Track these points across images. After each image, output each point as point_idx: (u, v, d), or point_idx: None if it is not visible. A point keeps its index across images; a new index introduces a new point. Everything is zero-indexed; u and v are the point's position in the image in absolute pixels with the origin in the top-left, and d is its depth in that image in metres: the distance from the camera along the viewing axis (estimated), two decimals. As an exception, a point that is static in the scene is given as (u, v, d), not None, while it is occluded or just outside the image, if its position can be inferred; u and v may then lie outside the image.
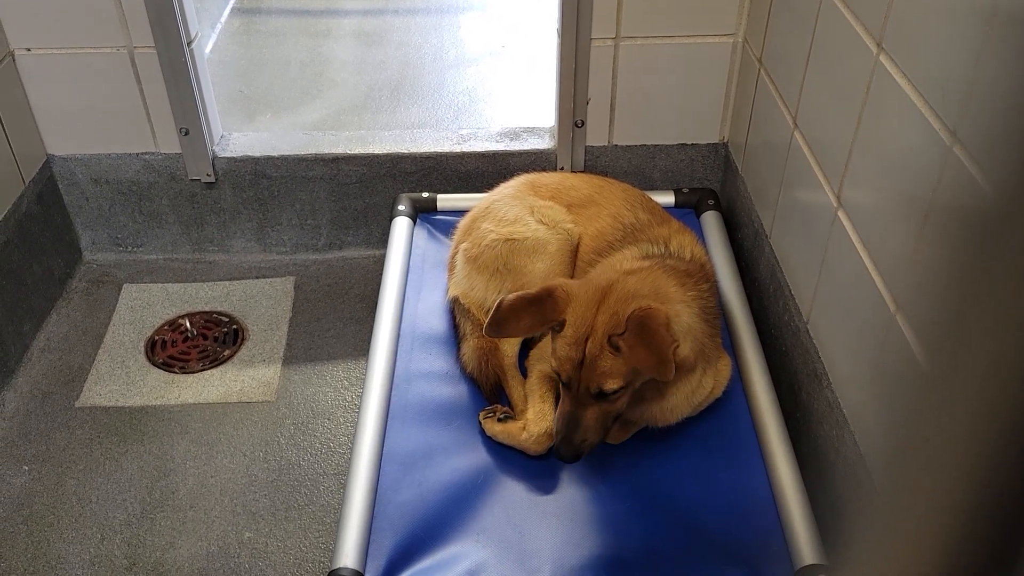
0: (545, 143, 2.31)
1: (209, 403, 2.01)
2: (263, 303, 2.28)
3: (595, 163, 2.29)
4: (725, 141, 2.28)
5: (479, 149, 2.30)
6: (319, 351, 2.14)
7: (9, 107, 2.11)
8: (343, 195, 2.35)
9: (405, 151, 2.30)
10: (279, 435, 1.94)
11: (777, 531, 1.50)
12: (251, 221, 2.39)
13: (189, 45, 2.13)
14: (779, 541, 1.48)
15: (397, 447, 1.64)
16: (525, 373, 1.73)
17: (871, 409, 1.41)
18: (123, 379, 2.07)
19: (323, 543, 1.72)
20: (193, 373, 2.08)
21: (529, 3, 3.45)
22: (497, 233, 1.81)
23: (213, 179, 2.31)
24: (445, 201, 2.22)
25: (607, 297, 1.45)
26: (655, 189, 2.22)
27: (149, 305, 2.27)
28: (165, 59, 2.12)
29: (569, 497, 1.57)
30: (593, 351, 1.42)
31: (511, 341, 1.76)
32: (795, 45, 1.76)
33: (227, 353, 2.13)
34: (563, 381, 1.48)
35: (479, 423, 1.68)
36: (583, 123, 2.22)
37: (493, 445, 1.65)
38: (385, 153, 2.30)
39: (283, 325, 2.21)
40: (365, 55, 3.13)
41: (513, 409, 1.68)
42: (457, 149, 2.30)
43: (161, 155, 2.28)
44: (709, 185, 2.34)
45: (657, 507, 1.54)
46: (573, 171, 2.27)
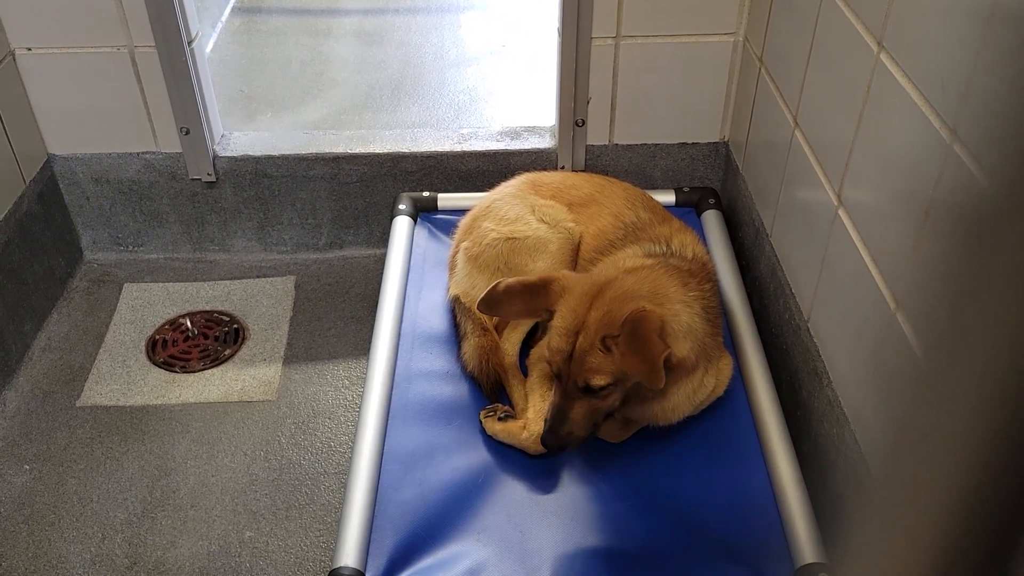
0: (546, 142, 2.31)
1: (210, 402, 2.01)
2: (264, 302, 2.28)
3: (596, 162, 2.29)
4: (726, 140, 2.28)
5: (480, 148, 2.30)
6: (320, 350, 2.14)
7: (10, 106, 2.11)
8: (344, 194, 2.35)
9: (406, 150, 2.30)
10: (280, 434, 1.94)
11: (778, 529, 1.50)
12: (252, 220, 2.39)
13: (190, 44, 2.13)
14: (779, 539, 1.48)
15: (398, 446, 1.64)
16: (526, 372, 1.73)
17: (871, 407, 1.41)
18: (124, 378, 2.07)
19: (324, 542, 1.72)
20: (194, 372, 2.08)
21: (530, 2, 3.44)
22: (498, 232, 1.81)
23: (214, 178, 2.31)
24: (446, 200, 2.22)
25: (603, 293, 1.45)
26: (656, 188, 2.22)
27: (150, 304, 2.28)
28: (166, 58, 2.12)
29: (570, 496, 1.57)
30: (583, 346, 1.42)
31: (511, 340, 1.76)
32: (796, 44, 1.76)
33: (228, 352, 2.14)
34: (554, 372, 1.49)
35: (479, 422, 1.68)
36: (584, 122, 2.22)
37: (494, 444, 1.65)
38: (386, 152, 2.30)
39: (284, 324, 2.21)
40: (366, 54, 3.13)
41: (514, 408, 1.68)
42: (458, 148, 2.30)
43: (162, 154, 2.28)
44: (710, 184, 2.34)
45: (658, 506, 1.54)
46: (574, 170, 2.27)
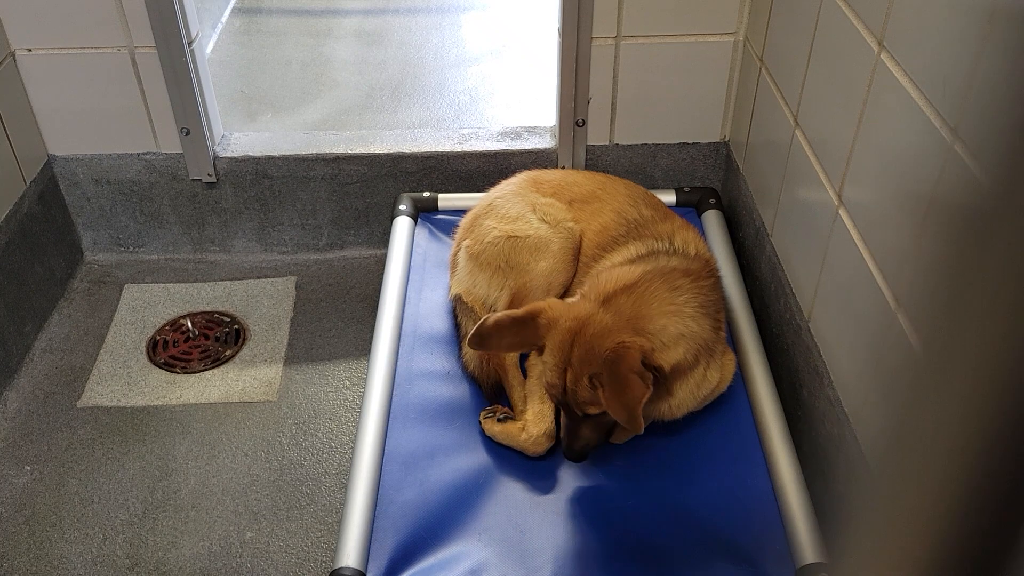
0: (546, 142, 2.31)
1: (211, 403, 2.01)
2: (264, 303, 2.28)
3: (596, 162, 2.29)
4: (726, 140, 2.28)
5: (480, 148, 2.30)
6: (320, 351, 2.14)
7: (10, 107, 2.11)
8: (344, 195, 2.35)
9: (406, 151, 2.30)
10: (281, 435, 1.94)
11: (779, 529, 1.50)
12: (252, 221, 2.39)
13: (190, 45, 2.13)
14: (780, 539, 1.48)
15: (399, 447, 1.64)
16: (526, 373, 1.73)
17: (872, 407, 1.41)
18: (125, 379, 2.07)
19: (325, 543, 1.72)
20: (195, 373, 2.08)
21: (530, 2, 3.44)
22: (500, 230, 1.81)
23: (214, 179, 2.31)
24: (446, 201, 2.22)
25: (584, 330, 1.45)
26: (656, 188, 2.22)
27: (150, 305, 2.28)
28: (166, 59, 2.12)
29: (571, 496, 1.57)
30: (572, 384, 1.45)
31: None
32: (796, 44, 1.76)
33: (228, 353, 2.14)
34: (556, 403, 1.54)
35: (479, 423, 1.68)
36: (584, 122, 2.22)
37: (494, 445, 1.65)
38: (386, 153, 2.30)
39: (284, 325, 2.21)
40: (366, 55, 3.13)
41: (513, 409, 1.68)
42: (458, 148, 2.30)
43: (162, 155, 2.28)
44: (710, 184, 2.34)
45: (658, 506, 1.54)
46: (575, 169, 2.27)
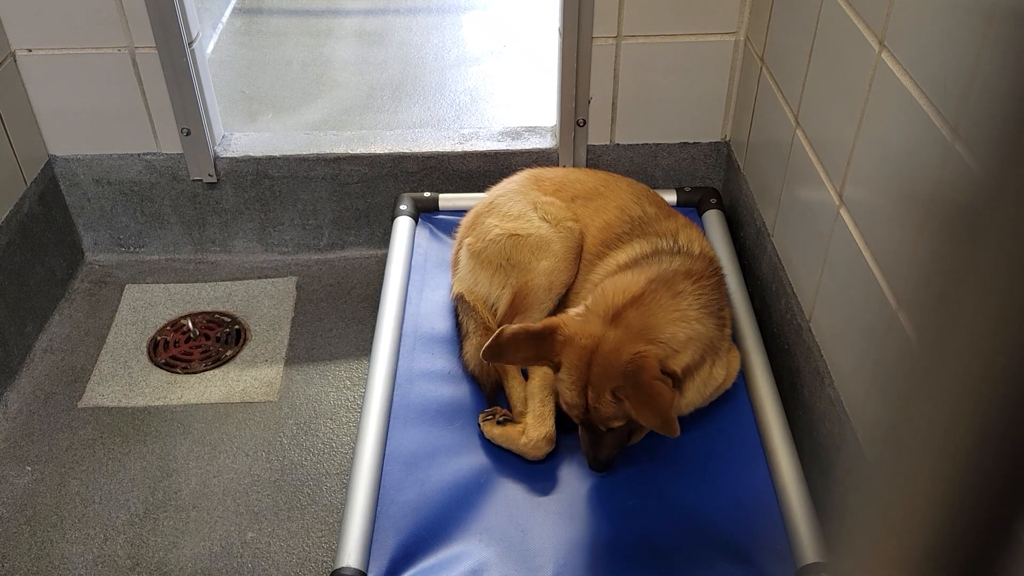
0: (547, 142, 2.31)
1: (211, 403, 2.01)
2: (265, 303, 2.28)
3: (597, 162, 2.29)
4: (727, 139, 2.28)
5: (481, 148, 2.30)
6: (321, 351, 2.14)
7: (10, 108, 2.11)
8: (345, 195, 2.35)
9: (407, 151, 2.30)
10: (281, 435, 1.94)
11: (780, 529, 1.50)
12: (253, 221, 2.39)
13: (190, 45, 2.13)
14: (782, 539, 1.48)
15: (399, 447, 1.64)
16: (526, 374, 1.73)
17: (873, 406, 1.41)
18: (125, 379, 2.07)
19: (326, 543, 1.72)
20: (195, 373, 2.08)
21: (530, 2, 3.44)
22: (502, 228, 1.81)
23: (215, 179, 2.31)
24: (447, 201, 2.22)
25: (599, 348, 1.45)
26: (657, 188, 2.21)
27: (151, 305, 2.28)
28: (166, 59, 2.12)
29: (572, 496, 1.57)
30: (594, 402, 1.45)
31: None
32: (797, 43, 1.75)
33: (229, 353, 2.14)
34: (576, 422, 1.53)
35: (479, 426, 1.68)
36: (585, 122, 2.22)
37: (495, 445, 1.65)
38: (387, 153, 2.29)
39: (285, 325, 2.21)
40: (366, 55, 3.13)
41: (512, 411, 1.68)
42: (459, 148, 2.30)
43: (163, 155, 2.28)
44: (711, 184, 2.34)
45: (660, 506, 1.54)
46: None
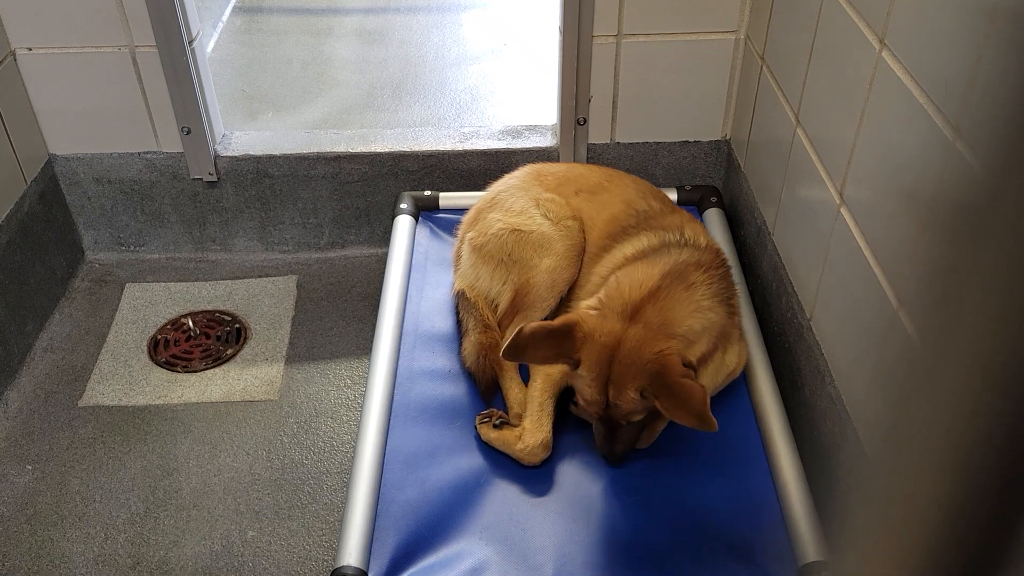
0: (547, 141, 2.30)
1: (212, 402, 2.01)
2: (265, 302, 2.28)
3: (597, 160, 2.29)
4: (727, 138, 2.28)
5: (481, 147, 2.30)
6: (322, 350, 2.14)
7: (11, 107, 2.11)
8: (345, 194, 2.35)
9: (407, 149, 2.30)
10: (282, 434, 1.94)
11: (780, 528, 1.50)
12: (253, 220, 2.39)
13: (191, 44, 2.13)
14: (782, 538, 1.48)
15: (400, 446, 1.64)
16: (526, 375, 1.72)
17: (874, 405, 1.41)
18: (126, 378, 2.07)
19: (326, 541, 1.72)
20: (196, 372, 2.08)
21: (531, 0, 3.44)
22: (504, 223, 1.81)
23: (215, 178, 2.31)
24: (447, 199, 2.22)
25: (621, 346, 1.44)
26: (658, 186, 2.21)
27: (152, 304, 2.28)
28: (167, 58, 2.12)
29: (572, 495, 1.57)
30: (615, 398, 1.45)
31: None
32: (797, 41, 1.75)
33: (230, 352, 2.14)
34: (595, 418, 1.53)
35: (475, 428, 1.67)
36: (585, 121, 2.22)
37: (493, 446, 1.65)
38: (387, 151, 2.29)
39: (286, 324, 2.21)
40: (367, 53, 3.13)
41: (508, 411, 1.67)
42: (459, 147, 2.30)
43: (163, 154, 2.28)
44: (712, 182, 2.34)
45: (660, 505, 1.54)
46: (575, 168, 2.26)
